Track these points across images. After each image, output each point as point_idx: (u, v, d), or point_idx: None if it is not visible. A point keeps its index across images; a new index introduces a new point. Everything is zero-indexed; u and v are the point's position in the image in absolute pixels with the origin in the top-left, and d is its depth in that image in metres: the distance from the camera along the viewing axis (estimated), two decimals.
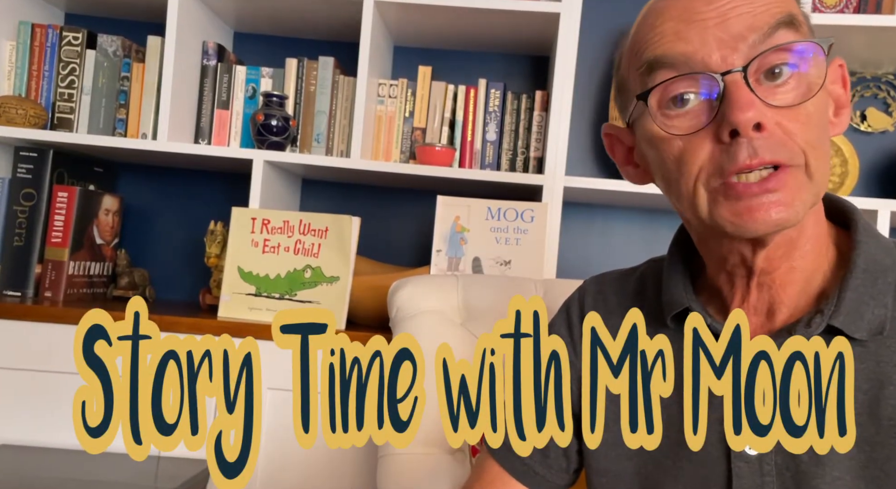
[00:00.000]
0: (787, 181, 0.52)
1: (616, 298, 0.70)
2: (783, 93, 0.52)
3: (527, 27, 1.55)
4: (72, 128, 1.57)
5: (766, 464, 0.55)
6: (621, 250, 1.72)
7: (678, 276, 0.63)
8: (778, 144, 0.51)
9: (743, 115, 0.50)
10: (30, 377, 1.30)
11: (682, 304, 0.61)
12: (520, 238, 1.38)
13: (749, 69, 0.51)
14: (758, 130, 0.51)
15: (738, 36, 0.52)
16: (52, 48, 1.57)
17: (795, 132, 0.52)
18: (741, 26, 0.52)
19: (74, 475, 1.18)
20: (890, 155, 1.63)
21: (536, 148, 1.59)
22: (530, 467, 0.69)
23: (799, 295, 0.58)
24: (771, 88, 0.52)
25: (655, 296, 0.66)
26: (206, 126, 1.60)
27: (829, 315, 0.54)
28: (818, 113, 0.53)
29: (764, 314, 0.59)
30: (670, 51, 0.54)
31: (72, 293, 1.52)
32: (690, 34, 0.53)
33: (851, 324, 0.54)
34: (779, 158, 0.52)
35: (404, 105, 1.61)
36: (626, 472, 0.64)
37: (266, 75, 1.62)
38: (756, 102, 0.51)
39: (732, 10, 0.52)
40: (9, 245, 1.53)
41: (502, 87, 1.60)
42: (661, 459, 0.61)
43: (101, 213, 1.60)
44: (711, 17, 0.52)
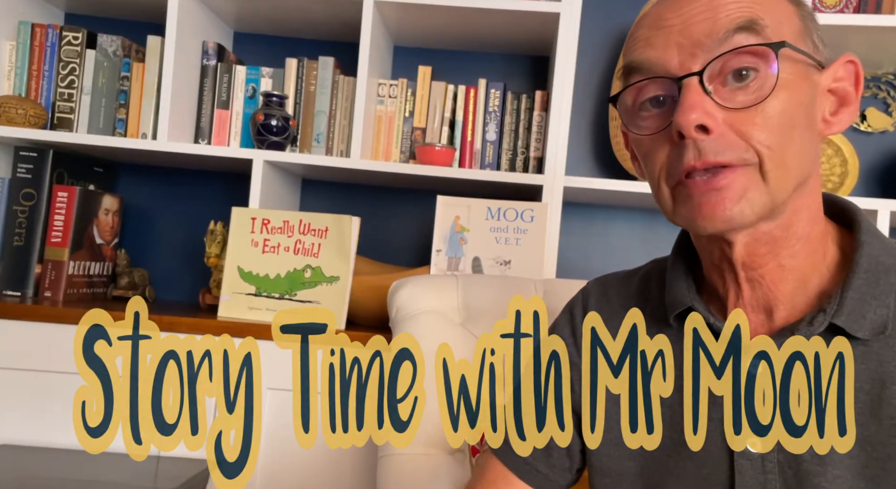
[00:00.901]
0: (734, 180, 0.53)
1: (619, 299, 0.70)
2: (744, 95, 0.53)
3: (527, 27, 1.55)
4: (72, 128, 1.57)
5: (769, 461, 0.55)
6: (621, 250, 1.72)
7: (681, 276, 0.63)
8: (726, 146, 0.53)
9: (684, 118, 0.52)
10: (29, 377, 1.30)
11: (684, 304, 0.61)
12: (520, 238, 1.38)
13: (706, 73, 0.53)
14: (703, 132, 0.53)
15: (697, 42, 0.53)
16: (52, 48, 1.57)
17: (750, 133, 0.53)
18: (700, 32, 0.53)
19: (74, 475, 1.18)
20: (890, 155, 1.63)
21: (536, 148, 1.59)
22: (533, 466, 0.69)
23: (794, 293, 0.58)
24: (733, 91, 0.53)
25: (659, 295, 0.66)
26: (206, 126, 1.60)
27: (831, 314, 0.55)
28: (782, 114, 0.53)
29: (762, 312, 0.60)
30: (640, 56, 0.57)
31: (71, 293, 1.52)
32: (657, 40, 0.55)
33: (854, 323, 0.54)
34: (723, 159, 0.53)
35: (404, 105, 1.61)
36: (628, 472, 0.64)
37: (266, 75, 1.62)
38: (702, 105, 0.52)
39: (695, 17, 0.54)
40: (9, 245, 1.53)
41: (502, 87, 1.60)
42: (664, 459, 0.61)
43: (101, 212, 1.60)
44: (675, 24, 0.55)
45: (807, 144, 0.55)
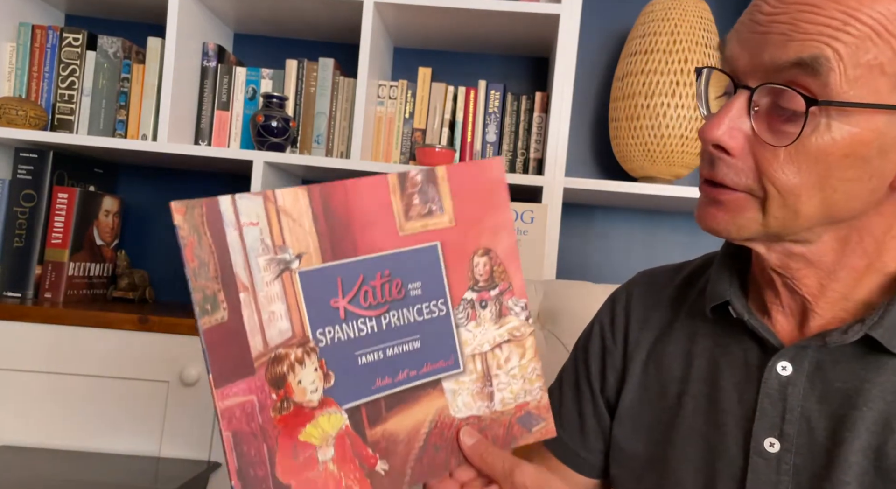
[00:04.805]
0: (732, 202, 0.52)
1: (662, 291, 0.70)
2: (778, 128, 0.50)
3: (526, 28, 1.55)
4: (72, 129, 1.57)
5: (784, 463, 0.55)
6: (621, 251, 1.72)
7: (725, 269, 0.62)
8: (738, 171, 0.51)
9: (708, 132, 0.51)
10: (30, 378, 1.30)
11: (722, 297, 0.60)
12: (520, 239, 1.39)
13: (756, 93, 0.50)
14: (718, 150, 0.52)
15: (763, 59, 0.50)
16: (53, 49, 1.57)
17: (765, 169, 0.50)
18: (771, 50, 0.49)
19: (74, 476, 1.18)
20: None
21: (536, 149, 1.60)
22: (572, 449, 0.71)
23: (834, 305, 0.56)
24: (773, 119, 0.50)
25: (704, 288, 0.66)
26: (206, 127, 1.60)
27: (869, 325, 0.52)
28: (815, 161, 0.49)
29: (797, 316, 0.58)
30: (727, 43, 0.54)
31: (72, 294, 1.52)
32: (743, 33, 0.52)
33: (894, 338, 0.52)
34: (728, 182, 0.52)
35: (404, 106, 1.61)
36: (646, 457, 0.64)
37: (266, 76, 1.62)
38: (735, 123, 0.51)
39: (776, 28, 0.49)
40: (9, 246, 1.53)
41: (502, 89, 1.60)
42: (684, 446, 0.61)
43: (101, 214, 1.60)
44: (761, 25, 0.51)
45: (855, 194, 0.50)
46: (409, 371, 0.53)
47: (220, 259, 0.46)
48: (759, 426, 0.56)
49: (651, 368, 0.66)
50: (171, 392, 1.31)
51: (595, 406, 0.70)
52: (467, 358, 0.55)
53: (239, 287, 0.47)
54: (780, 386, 0.56)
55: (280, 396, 0.48)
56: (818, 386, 0.55)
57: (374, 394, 0.52)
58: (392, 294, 0.52)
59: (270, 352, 0.48)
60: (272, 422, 0.48)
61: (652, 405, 0.64)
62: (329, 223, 0.50)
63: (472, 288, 0.55)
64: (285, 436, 0.48)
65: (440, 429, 0.54)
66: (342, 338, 0.50)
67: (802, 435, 0.54)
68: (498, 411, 0.57)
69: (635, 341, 0.68)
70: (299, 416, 0.49)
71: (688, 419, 0.61)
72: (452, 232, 0.54)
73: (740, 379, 0.59)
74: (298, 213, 0.49)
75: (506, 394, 0.57)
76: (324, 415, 0.50)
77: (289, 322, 0.48)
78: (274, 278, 0.48)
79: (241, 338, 0.47)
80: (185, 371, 1.29)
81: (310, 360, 0.49)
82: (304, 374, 0.49)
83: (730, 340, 0.61)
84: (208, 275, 0.46)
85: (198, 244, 0.45)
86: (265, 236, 0.48)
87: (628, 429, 0.66)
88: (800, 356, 0.56)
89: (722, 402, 0.59)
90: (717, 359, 0.61)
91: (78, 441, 1.30)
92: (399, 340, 0.52)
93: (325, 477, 0.50)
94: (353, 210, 0.51)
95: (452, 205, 0.54)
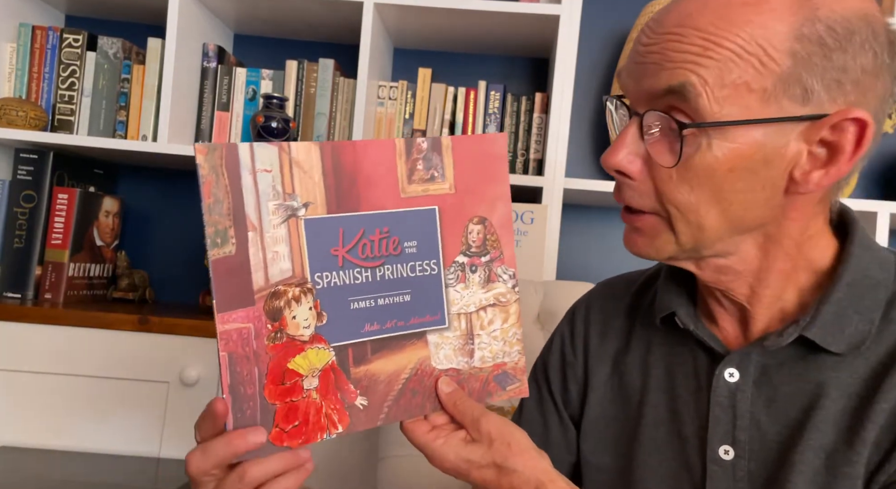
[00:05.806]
0: (647, 228, 0.56)
1: (620, 302, 0.71)
2: (665, 150, 0.52)
3: (527, 29, 1.55)
4: (72, 130, 1.57)
5: (740, 469, 0.56)
6: (621, 252, 1.71)
7: (672, 279, 0.64)
8: (641, 194, 0.54)
9: (608, 159, 0.54)
10: (30, 378, 1.30)
11: (669, 308, 0.62)
12: (519, 240, 1.39)
13: (648, 118, 0.52)
14: (620, 176, 0.55)
15: (643, 90, 0.53)
16: (53, 50, 1.57)
17: (661, 190, 0.53)
18: (650, 79, 0.52)
19: (75, 477, 1.18)
20: (889, 157, 1.63)
21: (536, 150, 1.60)
22: None
23: (769, 309, 0.57)
24: (662, 143, 0.52)
25: (654, 297, 0.66)
26: (207, 128, 1.60)
27: (803, 326, 0.54)
28: (703, 178, 0.51)
29: (740, 322, 0.60)
30: (622, 70, 0.57)
31: (72, 295, 1.52)
32: (630, 62, 0.55)
33: (828, 336, 0.53)
34: (632, 204, 0.55)
35: (404, 107, 1.61)
36: (612, 467, 0.64)
37: (266, 77, 1.62)
38: (626, 150, 0.54)
39: (651, 56, 0.52)
40: (9, 247, 1.53)
41: (502, 89, 1.60)
42: (645, 457, 0.61)
43: (101, 214, 1.60)
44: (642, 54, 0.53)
45: (751, 204, 0.52)
46: (398, 321, 0.56)
47: (234, 199, 0.50)
48: (713, 434, 0.57)
49: (615, 380, 0.67)
50: (170, 392, 1.31)
51: (560, 418, 0.70)
52: (453, 316, 0.59)
53: (248, 226, 0.50)
54: (729, 393, 0.57)
55: (275, 327, 0.52)
56: (765, 390, 0.56)
57: (361, 337, 0.55)
58: (388, 249, 0.56)
59: (270, 287, 0.52)
60: (265, 349, 0.52)
61: (617, 416, 0.65)
62: (337, 178, 0.53)
63: (465, 252, 0.59)
64: (275, 363, 0.52)
65: (420, 376, 0.58)
66: (338, 284, 0.54)
67: (754, 440, 0.55)
68: (476, 367, 0.60)
69: (596, 353, 0.69)
70: (290, 347, 0.53)
71: (649, 428, 0.62)
72: (451, 198, 0.58)
73: (694, 387, 0.60)
74: (310, 165, 0.52)
75: (486, 353, 0.60)
76: (313, 349, 0.53)
77: (290, 263, 0.52)
78: (281, 222, 0.51)
79: (244, 272, 0.51)
80: (185, 371, 1.29)
81: (306, 299, 0.53)
82: (298, 311, 0.53)
83: (682, 349, 0.62)
84: (221, 212, 0.50)
85: (215, 183, 0.49)
86: (276, 183, 0.51)
87: (592, 443, 0.66)
88: (745, 362, 0.57)
89: (680, 411, 0.60)
90: (672, 368, 0.62)
91: (78, 441, 1.30)
92: (391, 292, 0.56)
93: (308, 403, 0.54)
94: (360, 168, 0.54)
95: (454, 173, 0.58)
